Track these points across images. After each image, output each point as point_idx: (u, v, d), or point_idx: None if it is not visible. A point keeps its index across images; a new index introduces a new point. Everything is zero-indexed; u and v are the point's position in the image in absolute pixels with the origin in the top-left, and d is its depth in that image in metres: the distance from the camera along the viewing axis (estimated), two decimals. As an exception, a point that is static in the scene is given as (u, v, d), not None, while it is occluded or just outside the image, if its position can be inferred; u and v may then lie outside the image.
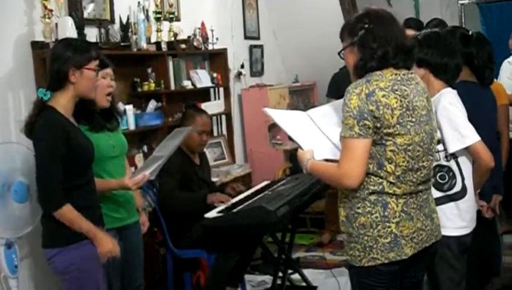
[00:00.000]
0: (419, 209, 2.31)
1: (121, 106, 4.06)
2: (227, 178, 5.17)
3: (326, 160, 2.44)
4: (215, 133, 5.71)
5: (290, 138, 2.61)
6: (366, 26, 2.24)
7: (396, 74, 2.24)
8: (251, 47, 6.59)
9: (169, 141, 3.25)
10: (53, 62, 2.72)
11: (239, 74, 6.25)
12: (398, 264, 2.27)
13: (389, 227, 2.24)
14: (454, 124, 2.60)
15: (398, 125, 2.18)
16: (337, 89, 5.19)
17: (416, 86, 2.29)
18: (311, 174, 2.53)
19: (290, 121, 2.65)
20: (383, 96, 2.17)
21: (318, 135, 2.58)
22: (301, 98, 7.18)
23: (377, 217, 2.24)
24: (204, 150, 4.41)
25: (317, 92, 7.32)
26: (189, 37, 5.21)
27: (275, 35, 7.09)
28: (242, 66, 6.29)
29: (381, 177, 2.23)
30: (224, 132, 5.84)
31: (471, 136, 2.63)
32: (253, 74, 6.63)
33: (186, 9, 5.40)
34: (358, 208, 2.27)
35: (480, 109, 2.94)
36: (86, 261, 2.71)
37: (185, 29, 5.23)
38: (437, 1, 8.00)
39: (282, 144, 6.39)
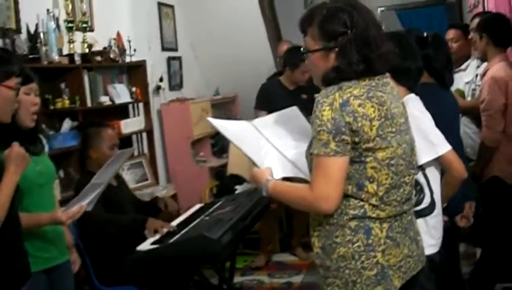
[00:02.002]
0: (404, 233, 2.01)
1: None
2: (152, 201, 4.73)
3: (285, 179, 2.16)
4: (136, 153, 5.27)
5: (247, 156, 2.27)
6: (349, 32, 1.91)
7: (370, 79, 1.94)
8: (169, 59, 6.20)
9: (110, 166, 2.86)
10: None
11: (158, 87, 5.83)
12: None
13: (375, 257, 1.93)
14: (424, 133, 2.36)
15: (378, 138, 1.89)
16: (267, 100, 4.95)
17: (392, 91, 2.01)
18: (272, 197, 2.17)
19: (238, 133, 2.33)
20: (359, 105, 1.87)
21: (270, 149, 2.29)
22: (223, 111, 6.85)
23: (359, 247, 1.93)
24: (123, 170, 3.96)
25: (239, 105, 7.05)
26: (104, 48, 4.77)
27: (193, 47, 6.72)
28: (161, 80, 5.88)
29: (362, 200, 1.93)
30: (146, 150, 5.41)
31: (442, 145, 2.43)
32: (172, 87, 6.24)
33: (100, 18, 4.94)
34: (337, 236, 1.95)
35: (444, 113, 2.73)
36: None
37: (99, 40, 4.79)
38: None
39: (207, 160, 6.04)
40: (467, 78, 4.23)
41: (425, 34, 2.97)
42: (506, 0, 3.74)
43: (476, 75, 4.23)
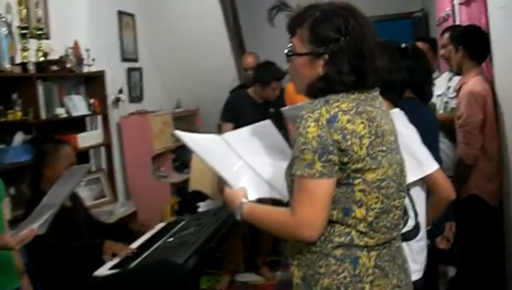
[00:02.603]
0: (393, 261, 1.82)
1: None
2: (111, 219, 4.47)
3: (259, 201, 1.96)
4: (93, 168, 4.99)
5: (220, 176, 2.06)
6: (342, 39, 1.72)
7: (359, 92, 1.75)
8: (129, 70, 5.94)
9: (63, 184, 2.61)
10: None
11: (117, 99, 5.56)
12: None
13: (362, 288, 1.73)
14: (410, 150, 2.19)
15: (368, 158, 1.70)
16: (234, 112, 4.78)
17: (381, 106, 1.83)
18: (248, 221, 1.96)
19: (208, 148, 2.12)
20: (348, 121, 1.68)
21: (242, 166, 2.10)
22: (185, 124, 6.59)
23: (345, 278, 1.73)
24: (80, 187, 3.71)
25: (201, 118, 6.83)
26: (61, 57, 4.50)
27: (154, 57, 6.48)
28: (120, 91, 5.62)
29: (349, 226, 1.74)
30: (104, 165, 5.14)
31: (429, 164, 2.29)
32: (132, 99, 5.97)
33: (57, 25, 4.67)
34: (320, 266, 1.75)
35: (426, 129, 2.57)
36: None
37: (56, 48, 4.51)
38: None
39: (168, 176, 5.80)
40: (439, 91, 4.12)
41: (403, 45, 2.82)
42: (481, 12, 3.63)
43: (448, 88, 4.13)
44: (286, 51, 1.84)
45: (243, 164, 2.08)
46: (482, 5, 3.60)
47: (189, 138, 2.12)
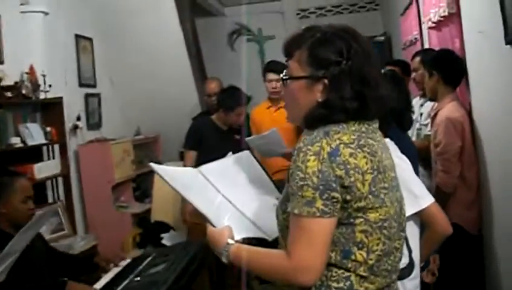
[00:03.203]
0: None
1: None
2: (69, 255, 4.20)
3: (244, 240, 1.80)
4: (50, 199, 4.73)
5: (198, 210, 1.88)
6: (344, 62, 1.58)
7: (359, 123, 1.61)
8: (87, 96, 5.70)
9: (28, 230, 2.40)
10: None
11: (75, 127, 5.31)
12: None
13: None
14: (406, 182, 2.03)
15: (370, 196, 1.55)
16: (198, 139, 4.60)
17: (381, 139, 1.70)
18: (235, 264, 1.77)
19: (186, 182, 1.94)
20: (351, 155, 1.53)
21: (223, 203, 1.93)
22: (145, 152, 6.39)
23: None
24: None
25: (161, 145, 6.63)
26: (16, 83, 4.26)
27: (112, 83, 6.25)
28: (78, 118, 5.37)
29: (348, 270, 1.58)
30: (62, 197, 4.87)
31: (425, 197, 2.17)
32: (90, 126, 5.72)
33: (11, 49, 4.42)
34: None
35: (409, 159, 2.44)
36: None
37: (10, 73, 4.25)
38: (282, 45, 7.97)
39: (128, 206, 5.58)
40: None
41: (383, 71, 2.69)
42: (454, 36, 3.56)
43: (421, 114, 4.05)
44: (281, 75, 1.69)
45: (223, 200, 1.92)
46: (455, 29, 3.53)
47: (165, 172, 1.92)
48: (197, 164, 4.60)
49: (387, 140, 2.18)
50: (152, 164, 1.93)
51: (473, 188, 3.39)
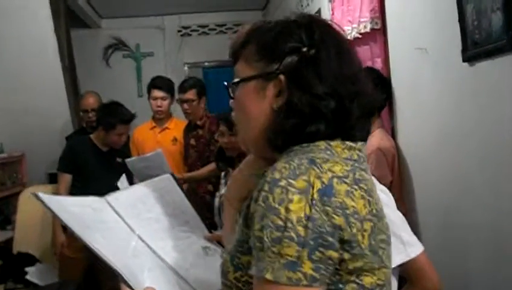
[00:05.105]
0: None
1: None
2: None
3: None
4: None
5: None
6: (305, 49, 1.15)
7: (350, 148, 1.15)
8: None
9: None
10: None
11: None
12: None
13: None
14: (393, 225, 1.58)
15: (369, 253, 1.07)
16: (75, 161, 4.14)
17: (369, 172, 1.22)
18: None
19: (87, 219, 1.38)
20: (347, 194, 1.05)
21: (139, 247, 1.43)
22: (8, 173, 5.69)
23: None
24: None
25: (26, 166, 5.97)
26: None
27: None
28: None
29: None
30: None
31: (415, 245, 1.77)
32: None
33: None
34: None
35: None
36: None
37: None
38: (161, 63, 7.79)
39: None
40: None
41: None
42: (376, 54, 3.28)
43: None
44: (226, 83, 1.25)
45: (139, 243, 1.43)
46: (377, 47, 3.28)
47: (57, 203, 1.36)
48: (74, 189, 4.13)
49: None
50: (39, 194, 1.31)
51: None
